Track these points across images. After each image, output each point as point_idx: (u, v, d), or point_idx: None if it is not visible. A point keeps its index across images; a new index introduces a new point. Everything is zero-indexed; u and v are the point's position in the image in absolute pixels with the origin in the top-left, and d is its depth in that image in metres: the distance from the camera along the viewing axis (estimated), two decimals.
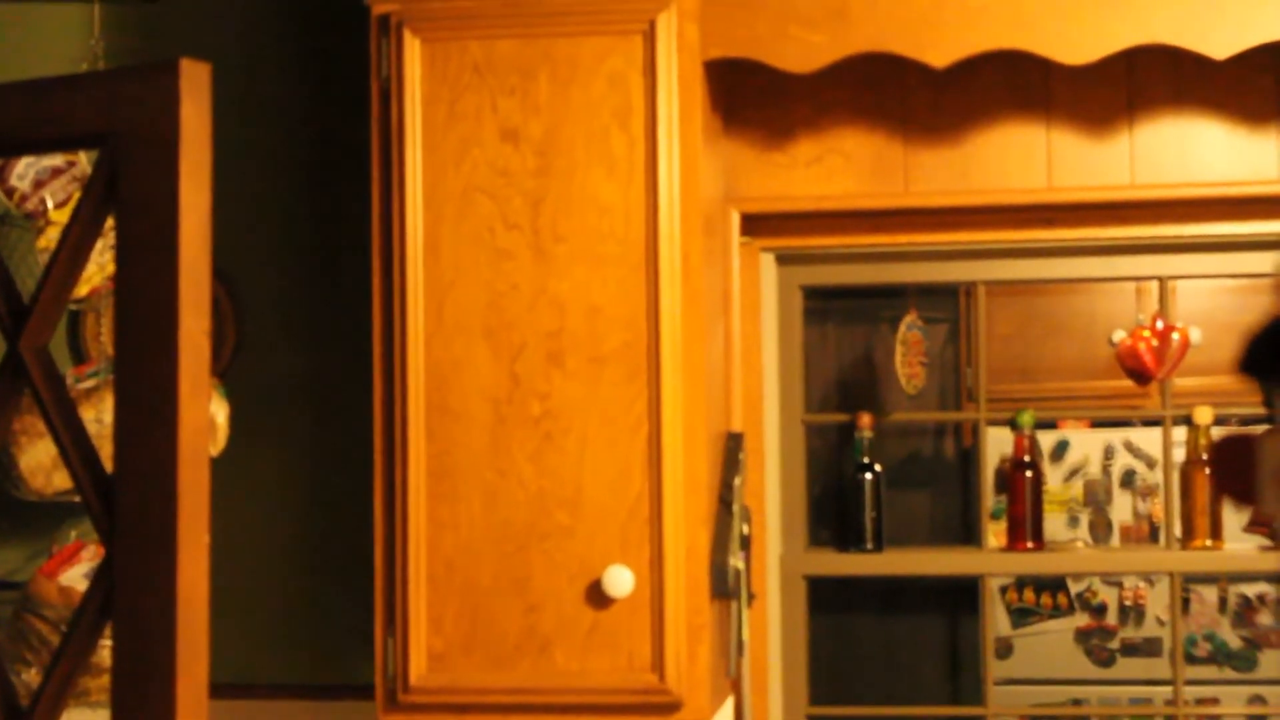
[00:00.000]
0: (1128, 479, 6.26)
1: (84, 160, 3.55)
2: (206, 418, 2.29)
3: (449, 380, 3.21)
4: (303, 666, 3.79)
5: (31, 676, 3.42)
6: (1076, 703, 6.25)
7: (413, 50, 3.23)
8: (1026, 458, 4.08)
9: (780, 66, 3.30)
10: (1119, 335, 3.94)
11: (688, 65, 3.21)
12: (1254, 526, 4.19)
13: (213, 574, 2.29)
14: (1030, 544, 3.99)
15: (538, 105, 3.20)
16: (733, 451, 3.49)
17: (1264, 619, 6.23)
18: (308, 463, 3.82)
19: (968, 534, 6.10)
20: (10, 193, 3.53)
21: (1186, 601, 6.23)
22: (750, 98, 3.63)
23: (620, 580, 3.14)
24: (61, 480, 3.48)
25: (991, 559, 4.09)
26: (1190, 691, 5.05)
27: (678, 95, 3.19)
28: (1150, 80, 3.57)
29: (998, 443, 4.59)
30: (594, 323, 3.18)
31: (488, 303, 3.20)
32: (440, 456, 3.21)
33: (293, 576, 3.81)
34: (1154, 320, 3.91)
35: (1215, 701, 6.08)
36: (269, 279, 3.85)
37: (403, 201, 3.22)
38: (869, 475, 4.04)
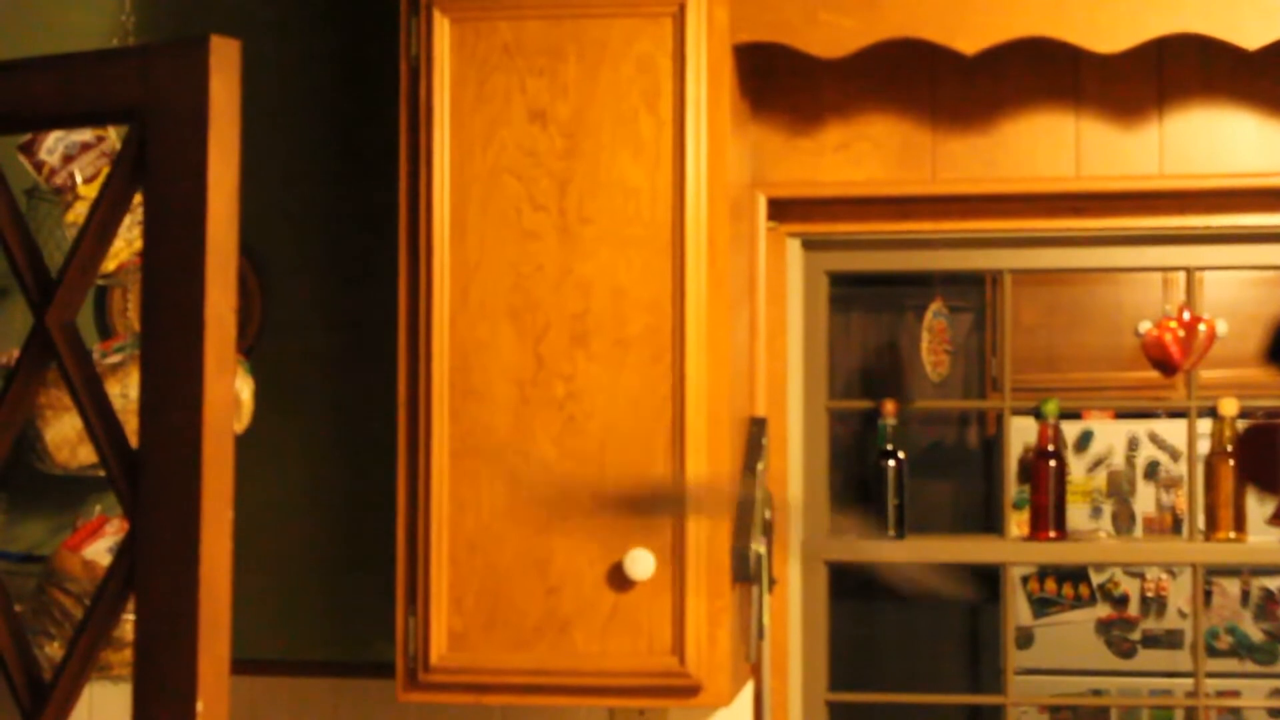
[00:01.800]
0: (1151, 470, 6.25)
1: (113, 135, 3.55)
2: (231, 394, 2.30)
3: (473, 361, 3.21)
4: (324, 644, 3.79)
5: (54, 650, 3.44)
6: (1097, 693, 6.25)
7: (442, 30, 3.23)
8: (1050, 447, 4.07)
9: (809, 51, 3.29)
10: (1145, 326, 3.93)
11: (716, 49, 3.20)
12: (1278, 519, 4.18)
13: (235, 550, 2.30)
14: (1053, 534, 3.99)
15: (566, 87, 3.20)
16: (756, 437, 3.49)
17: None
18: (332, 441, 3.82)
19: (990, 522, 6.11)
20: (39, 167, 3.54)
21: (1208, 594, 6.22)
22: (778, 82, 3.62)
23: (642, 563, 3.14)
24: (86, 454, 3.49)
25: (1014, 548, 4.08)
26: (1211, 684, 5.05)
27: (706, 79, 3.19)
28: (1180, 70, 3.56)
29: (1021, 432, 4.58)
30: (619, 305, 3.18)
31: (513, 284, 3.20)
32: (464, 437, 3.21)
33: (315, 554, 3.82)
34: (1180, 311, 3.90)
35: (1236, 694, 6.08)
36: (296, 257, 3.86)
37: (430, 181, 3.22)
38: (892, 462, 4.04)
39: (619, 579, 3.16)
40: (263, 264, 3.83)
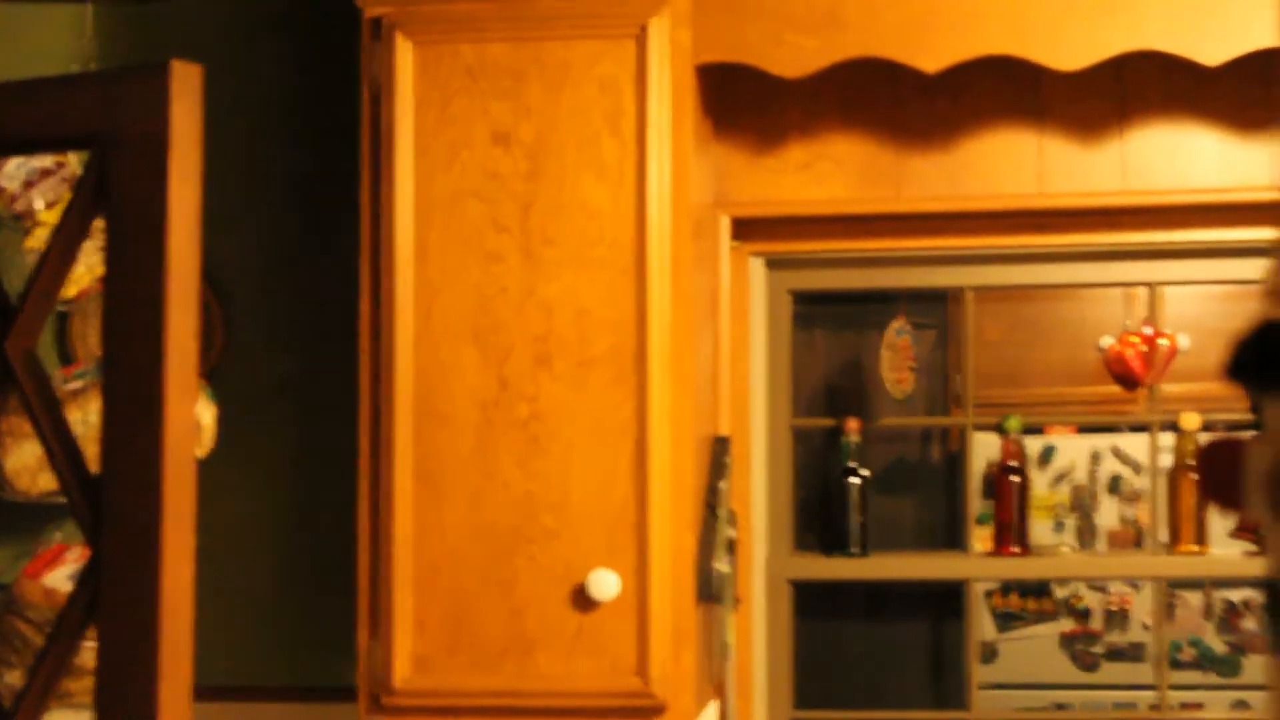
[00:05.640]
0: (1114, 484, 6.25)
1: (74, 161, 3.54)
2: (193, 419, 2.29)
3: (436, 383, 3.20)
4: (287, 669, 3.78)
5: (15, 678, 3.41)
6: (1061, 707, 6.25)
7: (404, 53, 3.22)
8: (1013, 463, 4.07)
9: (772, 71, 3.30)
10: (1107, 341, 3.94)
11: (679, 70, 3.20)
12: (1241, 532, 4.19)
13: (198, 576, 2.29)
14: (1016, 549, 3.99)
15: (529, 108, 3.19)
16: (719, 455, 3.49)
17: (1248, 624, 6.23)
18: (294, 465, 3.81)
19: (954, 539, 6.10)
20: None
21: (1171, 607, 6.23)
22: (742, 102, 3.62)
23: (606, 584, 3.14)
24: (47, 481, 3.47)
25: (977, 564, 4.08)
26: (1174, 696, 5.05)
27: (669, 100, 3.19)
28: (1142, 87, 3.57)
29: (985, 448, 4.58)
30: (582, 326, 3.17)
31: (476, 306, 3.19)
32: (427, 459, 3.20)
33: (279, 578, 3.80)
34: (1142, 326, 3.91)
35: (1199, 707, 6.09)
36: (258, 281, 3.85)
37: (392, 204, 3.21)
38: (855, 480, 4.03)
39: (583, 600, 3.15)
40: (225, 289, 3.82)
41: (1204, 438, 4.00)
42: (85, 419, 3.33)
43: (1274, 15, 3.20)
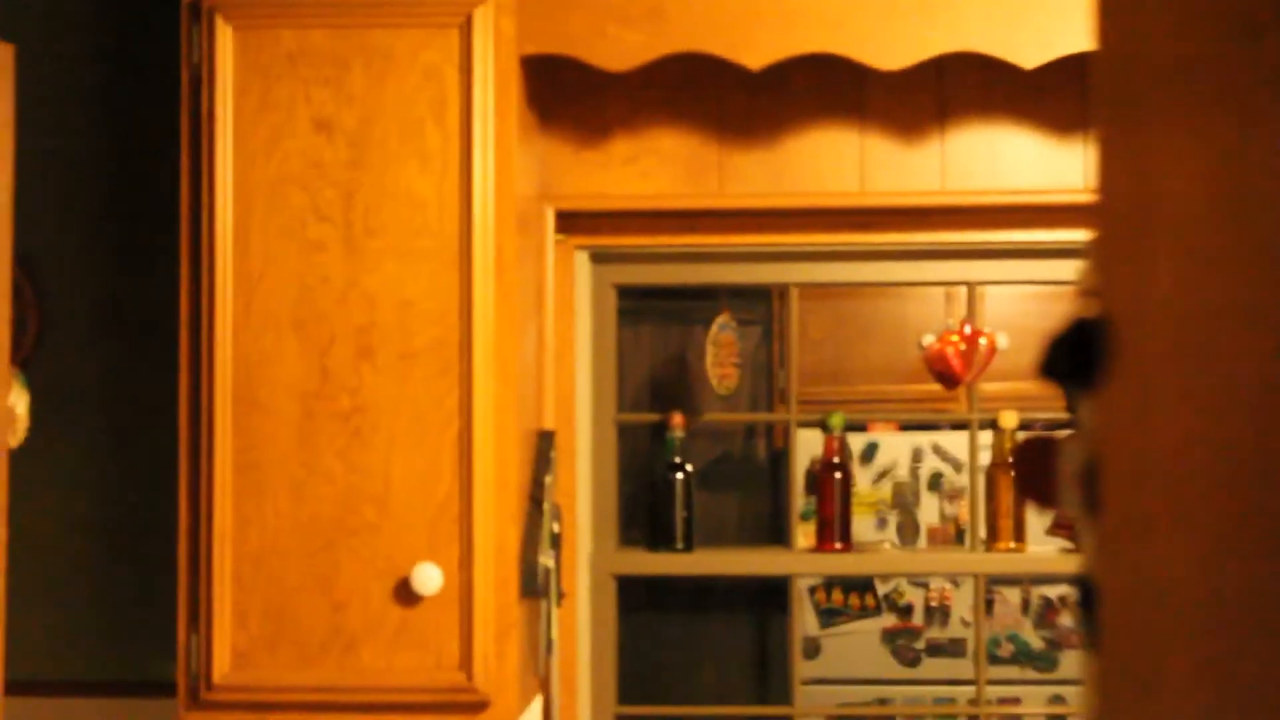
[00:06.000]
0: (935, 481, 6.32)
1: None
2: (4, 407, 2.25)
3: (257, 373, 3.17)
4: (106, 663, 3.72)
5: None
6: (882, 702, 6.31)
7: (225, 38, 3.19)
8: (836, 459, 4.11)
9: (596, 64, 3.30)
10: (928, 339, 3.98)
11: (504, 60, 3.20)
12: (1056, 529, 4.25)
13: (10, 567, 2.25)
14: (838, 545, 4.02)
15: (352, 96, 3.17)
16: (544, 449, 3.48)
17: (1065, 620, 6.33)
18: (111, 455, 3.75)
19: (777, 535, 6.14)
20: None
21: (990, 603, 6.32)
22: (567, 94, 3.63)
23: (429, 578, 3.12)
24: None
25: (800, 559, 4.11)
26: (993, 691, 5.12)
27: (493, 90, 3.18)
28: (961, 88, 3.62)
29: (808, 444, 4.62)
30: (405, 317, 3.16)
31: (298, 295, 3.16)
32: (247, 451, 3.17)
33: (94, 571, 3.74)
34: (962, 325, 3.95)
35: (1017, 701, 6.17)
36: (75, 267, 3.79)
37: (212, 192, 3.18)
38: (680, 475, 4.05)
39: (406, 594, 3.14)
40: (40, 274, 3.75)
41: (1021, 436, 4.05)
42: None
43: (1088, 20, 3.25)
